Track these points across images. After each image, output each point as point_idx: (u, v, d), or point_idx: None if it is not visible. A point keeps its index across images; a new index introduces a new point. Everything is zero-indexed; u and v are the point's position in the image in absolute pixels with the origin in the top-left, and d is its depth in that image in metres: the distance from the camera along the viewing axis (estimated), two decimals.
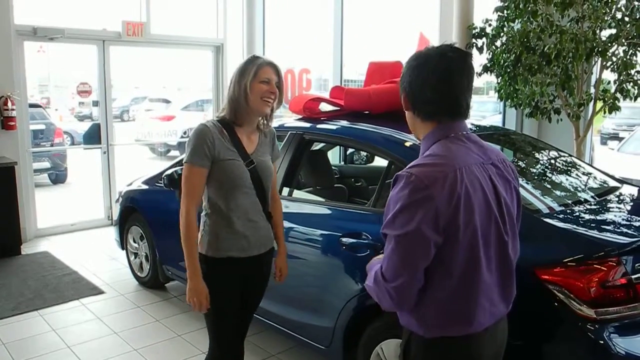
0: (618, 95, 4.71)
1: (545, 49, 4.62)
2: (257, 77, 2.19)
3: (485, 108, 11.84)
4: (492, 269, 1.57)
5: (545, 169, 3.31)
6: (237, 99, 2.21)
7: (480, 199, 1.52)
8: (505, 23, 5.08)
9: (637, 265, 2.17)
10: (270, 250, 2.42)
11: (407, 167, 1.53)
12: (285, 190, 3.30)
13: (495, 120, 8.18)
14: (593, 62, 4.83)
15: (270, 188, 2.39)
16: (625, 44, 4.59)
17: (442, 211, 1.44)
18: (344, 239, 2.77)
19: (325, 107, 3.65)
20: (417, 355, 1.61)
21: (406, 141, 2.85)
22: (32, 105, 7.01)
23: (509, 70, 5.00)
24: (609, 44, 4.59)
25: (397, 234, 1.47)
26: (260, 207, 2.32)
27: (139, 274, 4.76)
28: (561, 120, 5.06)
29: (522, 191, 2.43)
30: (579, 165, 3.41)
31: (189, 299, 2.21)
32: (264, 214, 2.34)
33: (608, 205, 2.83)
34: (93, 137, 6.72)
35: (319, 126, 3.37)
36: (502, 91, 5.24)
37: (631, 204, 2.94)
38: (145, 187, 4.54)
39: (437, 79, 1.55)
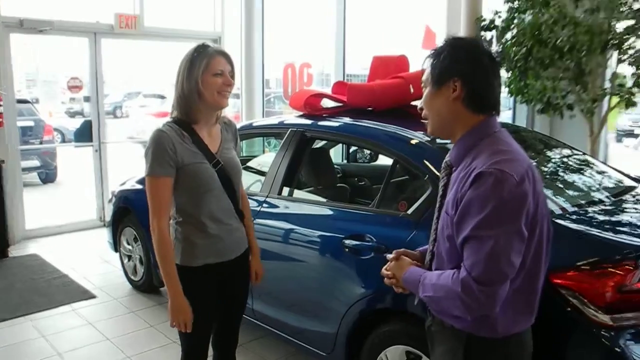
0: (635, 90, 4.69)
1: (558, 41, 4.64)
2: (209, 70, 2.06)
3: None
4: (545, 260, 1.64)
5: (558, 168, 3.26)
6: (188, 96, 2.08)
7: (542, 194, 1.57)
8: (516, 15, 5.10)
9: None
10: (246, 251, 2.37)
11: (485, 164, 1.47)
12: (286, 190, 3.28)
13: (506, 117, 8.14)
14: (608, 56, 4.91)
15: (240, 186, 2.32)
16: None
17: (530, 206, 1.47)
18: (346, 241, 2.74)
19: (327, 103, 3.62)
20: (482, 358, 1.61)
21: (411, 139, 2.81)
22: (20, 101, 7.06)
23: (519, 64, 5.03)
24: (626, 36, 4.59)
25: (495, 234, 1.44)
26: (233, 208, 2.24)
27: (132, 277, 4.71)
28: (574, 116, 5.08)
29: None
30: (593, 164, 3.36)
31: (174, 320, 2.10)
32: (236, 214, 2.27)
33: (624, 206, 2.76)
34: (84, 134, 6.65)
35: (320, 123, 3.34)
36: (512, 86, 5.28)
37: None
38: (139, 186, 4.47)
39: (497, 73, 1.60)
